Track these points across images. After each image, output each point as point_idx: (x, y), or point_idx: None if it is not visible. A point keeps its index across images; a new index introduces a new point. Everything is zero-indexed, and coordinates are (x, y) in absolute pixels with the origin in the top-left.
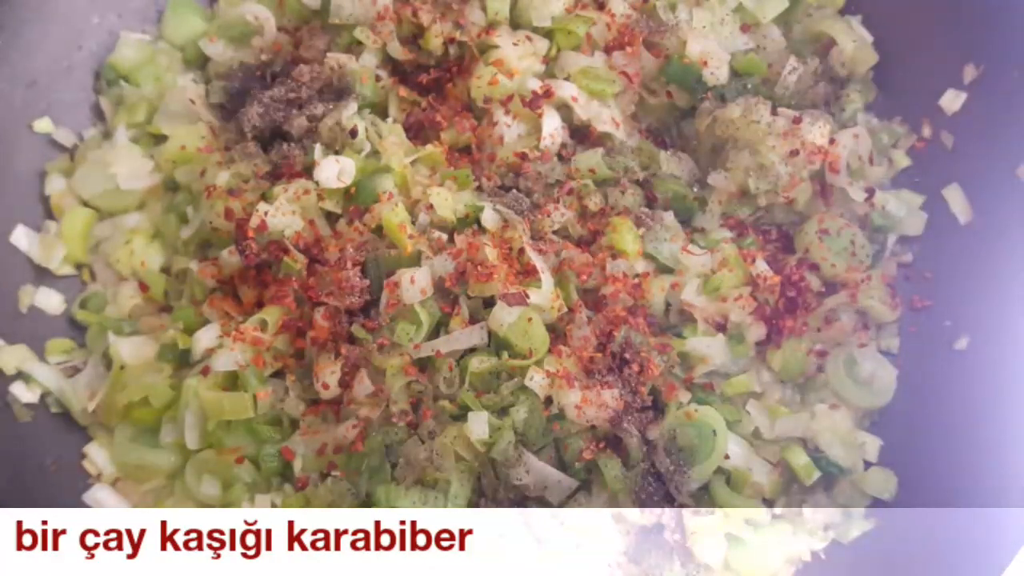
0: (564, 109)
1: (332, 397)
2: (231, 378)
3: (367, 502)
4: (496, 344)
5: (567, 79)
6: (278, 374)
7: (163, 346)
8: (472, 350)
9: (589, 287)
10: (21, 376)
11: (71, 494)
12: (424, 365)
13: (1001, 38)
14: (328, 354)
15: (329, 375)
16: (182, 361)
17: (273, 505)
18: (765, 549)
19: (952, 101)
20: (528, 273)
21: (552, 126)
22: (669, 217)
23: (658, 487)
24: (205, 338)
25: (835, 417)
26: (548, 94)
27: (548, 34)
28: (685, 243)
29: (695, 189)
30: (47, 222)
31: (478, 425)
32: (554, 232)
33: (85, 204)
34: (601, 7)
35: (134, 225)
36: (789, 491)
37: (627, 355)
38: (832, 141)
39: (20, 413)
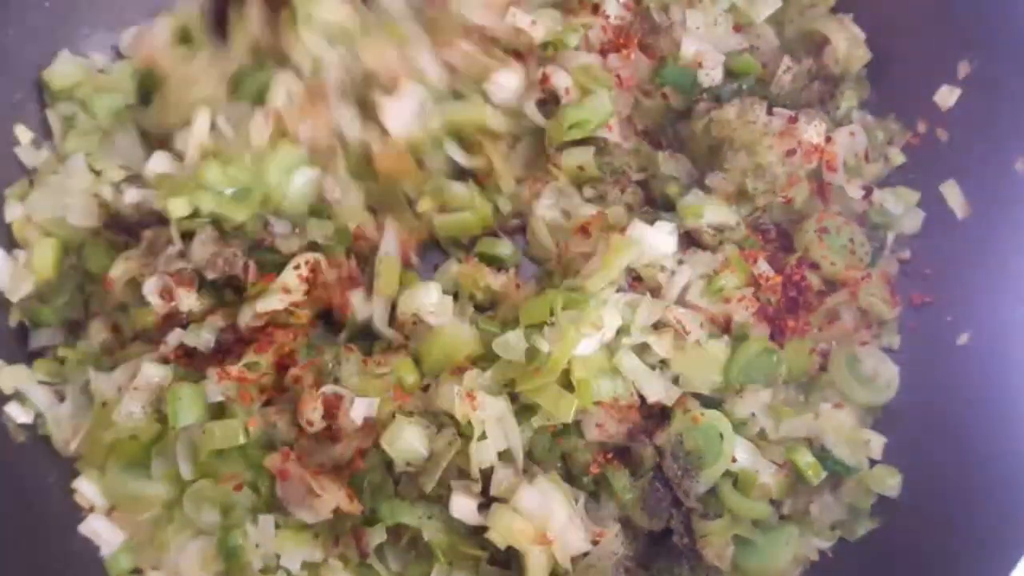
0: None
1: (319, 429)
2: (219, 406)
3: (371, 518)
4: None
5: None
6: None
7: None
8: None
9: None
10: (17, 396)
11: (71, 521)
12: None
13: (994, 32)
14: (311, 390)
15: (311, 412)
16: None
17: (277, 526)
18: (773, 550)
19: (947, 97)
20: None
21: None
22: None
23: (666, 492)
24: None
25: (839, 416)
26: (544, 80)
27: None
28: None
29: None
30: (15, 250)
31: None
32: None
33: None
34: (595, 9)
35: None
36: (796, 491)
37: None
38: (828, 140)
39: (15, 433)
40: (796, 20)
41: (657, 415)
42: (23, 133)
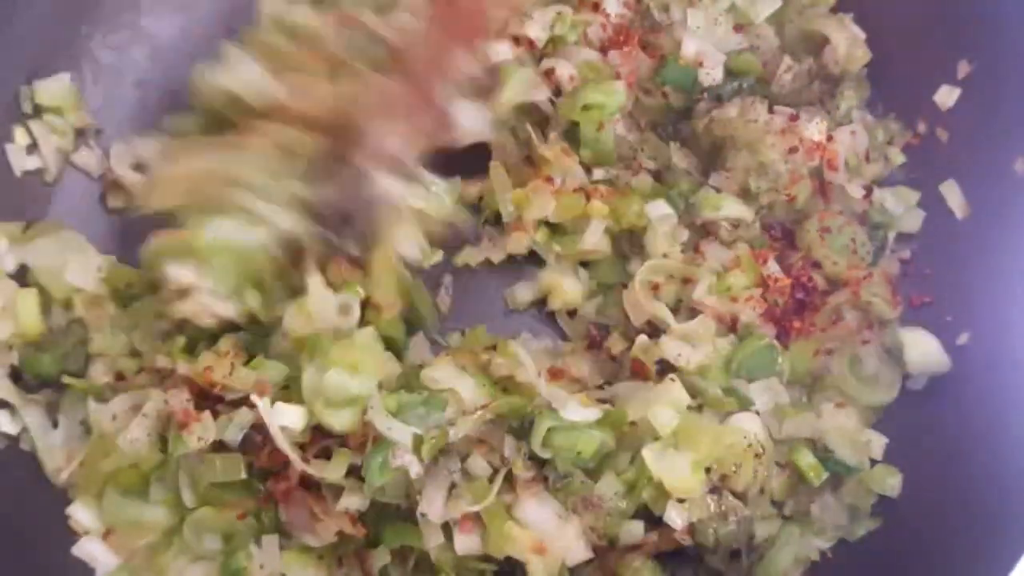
0: None
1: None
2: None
3: (376, 540)
4: None
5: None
6: None
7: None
8: None
9: None
10: (8, 407)
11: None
12: None
13: (994, 32)
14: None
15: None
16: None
17: (281, 547)
18: (776, 551)
19: (946, 97)
20: None
21: None
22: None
23: None
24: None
25: (841, 416)
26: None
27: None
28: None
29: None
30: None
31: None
32: None
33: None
34: (596, 7)
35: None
36: (797, 492)
37: None
38: (830, 138)
39: None
40: (796, 20)
41: None
42: (21, 135)
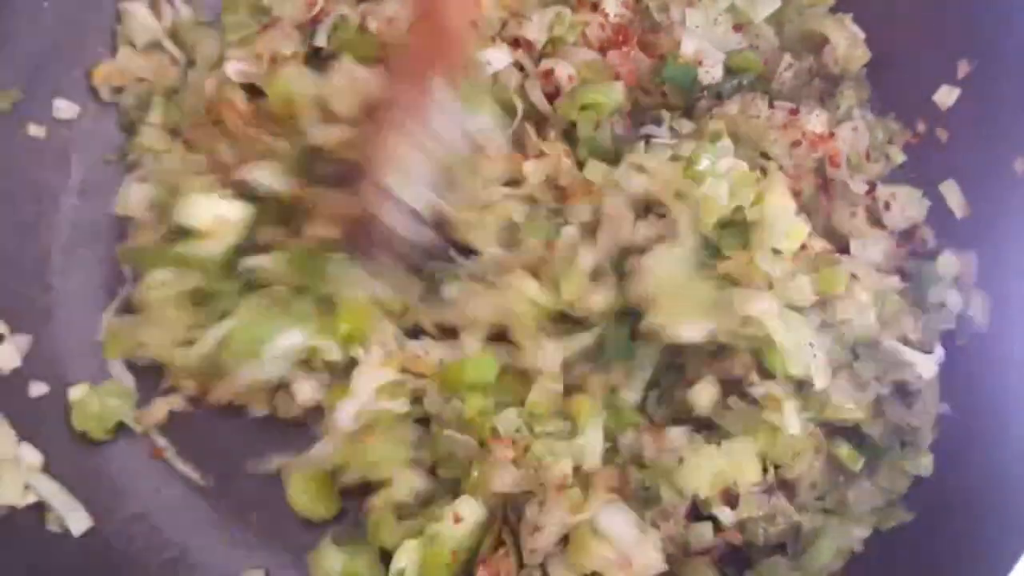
0: None
1: None
2: None
3: None
4: None
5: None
6: None
7: None
8: None
9: None
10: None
11: None
12: None
13: (994, 32)
14: None
15: None
16: None
17: None
18: (819, 542)
19: (946, 96)
20: None
21: None
22: None
23: None
24: None
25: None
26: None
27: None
28: None
29: None
30: None
31: None
32: None
33: None
34: (595, 7)
35: None
36: (836, 482)
37: None
38: (832, 135)
39: None
40: (795, 20)
41: None
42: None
